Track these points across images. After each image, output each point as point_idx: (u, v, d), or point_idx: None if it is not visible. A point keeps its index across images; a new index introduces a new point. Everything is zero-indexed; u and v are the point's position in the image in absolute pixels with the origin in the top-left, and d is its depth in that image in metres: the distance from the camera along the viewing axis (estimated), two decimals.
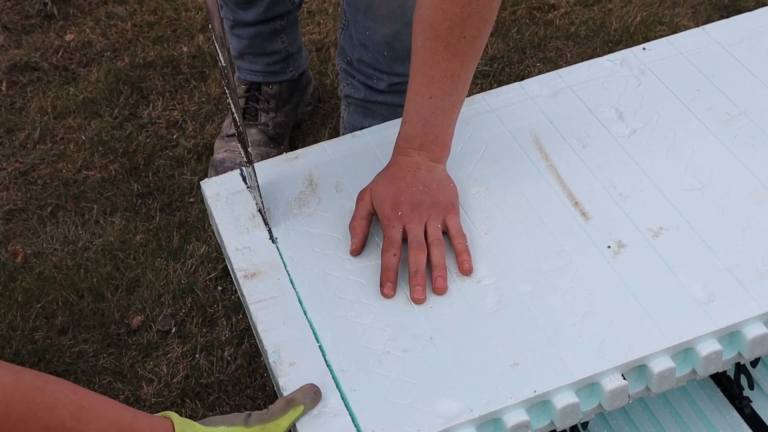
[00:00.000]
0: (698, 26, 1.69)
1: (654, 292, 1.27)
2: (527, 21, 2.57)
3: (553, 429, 1.22)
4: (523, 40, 2.51)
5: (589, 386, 1.20)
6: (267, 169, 1.49)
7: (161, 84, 2.47)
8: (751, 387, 1.41)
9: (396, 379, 1.20)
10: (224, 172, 2.14)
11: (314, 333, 1.27)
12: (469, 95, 1.45)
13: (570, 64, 1.62)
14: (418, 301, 1.28)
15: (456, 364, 1.21)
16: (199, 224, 2.12)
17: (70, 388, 1.09)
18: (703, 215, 1.36)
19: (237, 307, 1.96)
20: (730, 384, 1.42)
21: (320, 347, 1.25)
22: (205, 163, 2.25)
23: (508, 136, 1.50)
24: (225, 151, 2.21)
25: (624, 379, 1.20)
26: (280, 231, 1.40)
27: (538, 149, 1.47)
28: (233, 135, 2.24)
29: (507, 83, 1.60)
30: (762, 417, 1.40)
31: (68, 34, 2.65)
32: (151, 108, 2.41)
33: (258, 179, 1.46)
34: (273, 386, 1.84)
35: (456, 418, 1.16)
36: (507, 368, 1.20)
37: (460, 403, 1.17)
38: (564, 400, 1.18)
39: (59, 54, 2.59)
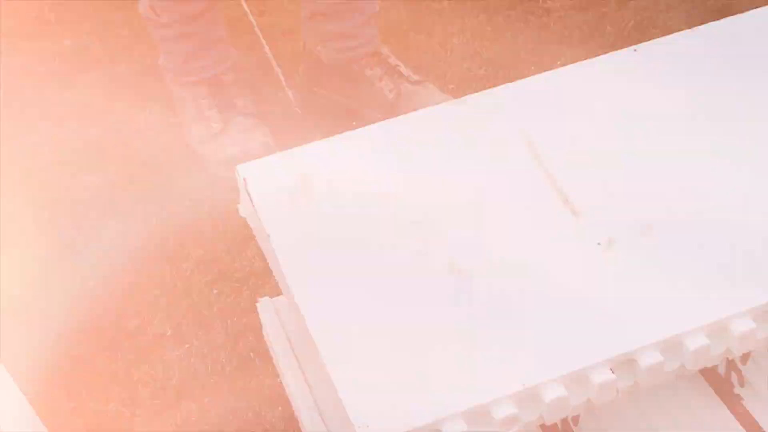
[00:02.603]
0: None
1: (643, 287, 1.28)
2: (521, 24, 2.58)
3: (543, 423, 1.22)
4: (518, 43, 2.52)
5: (577, 379, 1.21)
6: (261, 168, 1.49)
7: (159, 89, 2.47)
8: (742, 384, 1.42)
9: (386, 373, 1.21)
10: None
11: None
12: (461, 97, 1.46)
13: None
14: None
15: (445, 358, 1.22)
16: (195, 228, 2.13)
17: None
18: (693, 213, 1.37)
19: (232, 310, 1.97)
20: (721, 382, 1.42)
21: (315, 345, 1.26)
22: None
23: (499, 134, 1.50)
24: None
25: (612, 373, 1.20)
26: (274, 230, 1.40)
27: (529, 148, 1.48)
28: None
29: None
30: (753, 414, 1.40)
31: (66, 40, 2.66)
32: (148, 113, 2.42)
33: (252, 178, 1.46)
34: (269, 391, 1.84)
35: (445, 411, 1.16)
36: (496, 362, 1.21)
37: (449, 397, 1.17)
38: (553, 393, 1.18)
39: (57, 59, 2.60)
